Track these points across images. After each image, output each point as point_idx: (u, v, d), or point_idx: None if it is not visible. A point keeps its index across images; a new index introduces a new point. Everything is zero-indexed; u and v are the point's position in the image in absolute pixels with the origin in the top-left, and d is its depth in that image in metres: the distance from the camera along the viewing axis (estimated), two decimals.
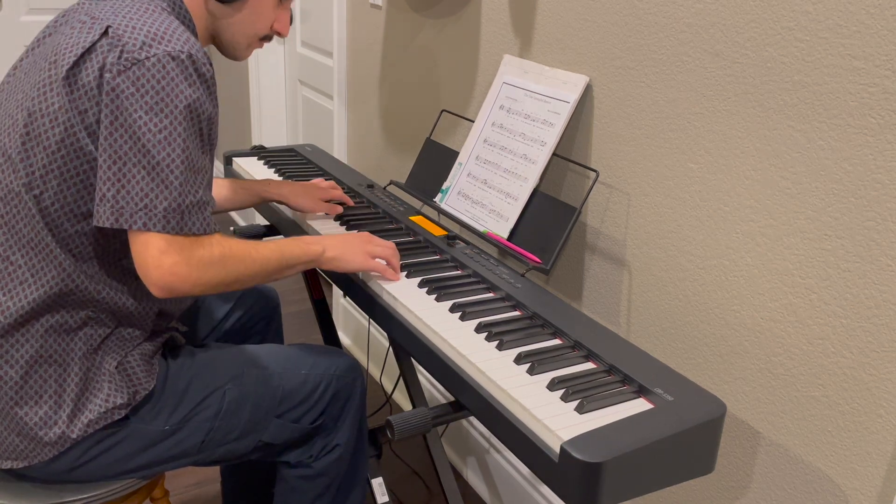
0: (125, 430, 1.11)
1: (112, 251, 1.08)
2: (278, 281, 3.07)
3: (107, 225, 0.99)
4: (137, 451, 1.13)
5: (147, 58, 0.98)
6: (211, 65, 1.04)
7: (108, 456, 1.11)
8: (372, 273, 1.25)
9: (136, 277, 1.12)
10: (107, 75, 0.98)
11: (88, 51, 1.00)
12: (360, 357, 2.56)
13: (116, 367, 1.10)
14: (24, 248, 1.05)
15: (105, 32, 1.00)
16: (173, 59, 0.99)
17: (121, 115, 0.98)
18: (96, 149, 1.01)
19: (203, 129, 1.03)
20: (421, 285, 1.22)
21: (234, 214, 3.69)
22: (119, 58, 0.98)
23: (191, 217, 1.01)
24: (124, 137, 0.98)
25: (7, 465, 1.09)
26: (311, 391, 1.24)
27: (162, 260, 1.00)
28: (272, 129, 3.20)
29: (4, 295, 1.05)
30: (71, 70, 1.00)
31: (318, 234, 1.42)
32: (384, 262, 1.24)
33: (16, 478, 1.14)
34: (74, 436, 1.07)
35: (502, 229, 1.40)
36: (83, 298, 1.07)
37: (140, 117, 0.97)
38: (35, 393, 1.06)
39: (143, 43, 0.99)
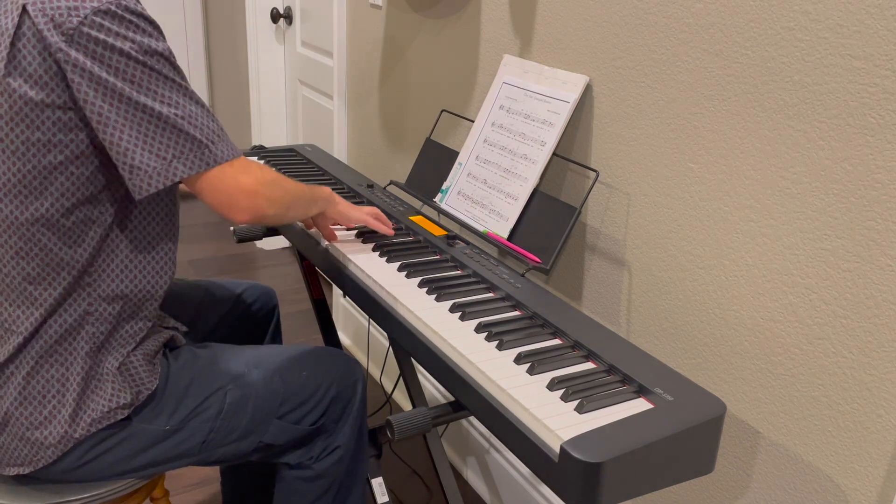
0: (127, 430, 1.11)
1: (117, 222, 1.08)
2: (276, 280, 3.07)
3: (152, 190, 0.99)
4: (138, 451, 1.13)
5: (81, 22, 0.94)
6: (138, 1, 1.02)
7: (109, 456, 1.11)
8: (372, 226, 1.35)
9: (140, 254, 1.11)
10: (59, 55, 0.94)
11: (16, 37, 0.95)
12: (360, 357, 2.56)
13: (119, 368, 1.10)
14: (35, 264, 1.04)
15: (24, 11, 0.95)
16: (106, 13, 0.96)
17: (100, 87, 0.95)
18: (65, 136, 0.99)
19: (172, 62, 1.02)
20: (421, 285, 1.22)
21: None
22: (56, 35, 0.94)
23: (217, 147, 1.03)
24: (114, 105, 0.96)
25: (14, 471, 1.09)
26: (311, 392, 1.24)
27: (238, 182, 1.04)
28: (272, 129, 3.20)
29: (23, 312, 1.05)
30: (8, 65, 0.96)
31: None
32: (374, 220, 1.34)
33: (16, 479, 1.14)
34: (77, 435, 1.07)
35: (502, 229, 1.40)
36: (87, 295, 1.07)
37: (115, 82, 0.96)
38: (38, 394, 1.06)
39: (69, 8, 0.95)
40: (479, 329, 1.10)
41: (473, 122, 1.64)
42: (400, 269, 1.27)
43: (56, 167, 1.00)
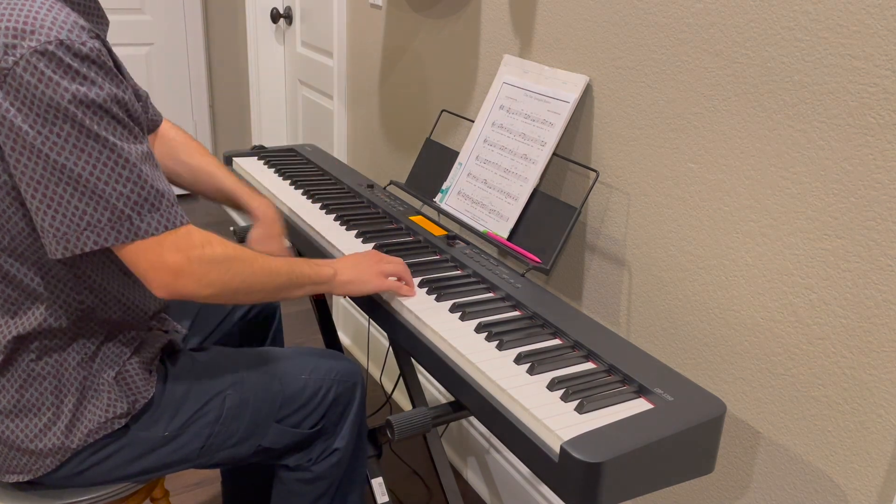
0: (125, 438, 1.11)
1: (80, 259, 1.04)
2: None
3: (58, 256, 0.92)
4: (136, 458, 1.12)
5: (16, 63, 0.87)
6: (96, 36, 0.92)
7: (108, 463, 1.11)
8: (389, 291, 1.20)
9: (123, 283, 1.10)
10: None
11: None
12: (360, 357, 2.56)
13: (115, 378, 1.09)
14: (9, 291, 1.03)
15: None
16: (43, 54, 0.87)
17: (18, 138, 0.88)
18: (9, 175, 0.93)
19: (117, 114, 0.92)
20: (421, 285, 1.22)
21: (233, 214, 3.69)
22: None
23: (143, 218, 0.93)
24: (32, 160, 0.88)
25: (13, 479, 1.08)
26: (311, 396, 1.23)
27: (161, 259, 0.94)
28: (272, 129, 3.20)
29: (2, 333, 1.04)
30: None
31: (323, 238, 1.41)
32: (396, 280, 1.19)
33: (15, 484, 1.14)
34: (74, 446, 1.07)
35: (502, 229, 1.40)
36: (70, 316, 1.05)
37: (38, 133, 0.87)
38: (32, 406, 1.06)
39: (6, 46, 0.87)
40: (479, 329, 1.10)
41: (473, 122, 1.64)
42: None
43: (10, 204, 0.96)
